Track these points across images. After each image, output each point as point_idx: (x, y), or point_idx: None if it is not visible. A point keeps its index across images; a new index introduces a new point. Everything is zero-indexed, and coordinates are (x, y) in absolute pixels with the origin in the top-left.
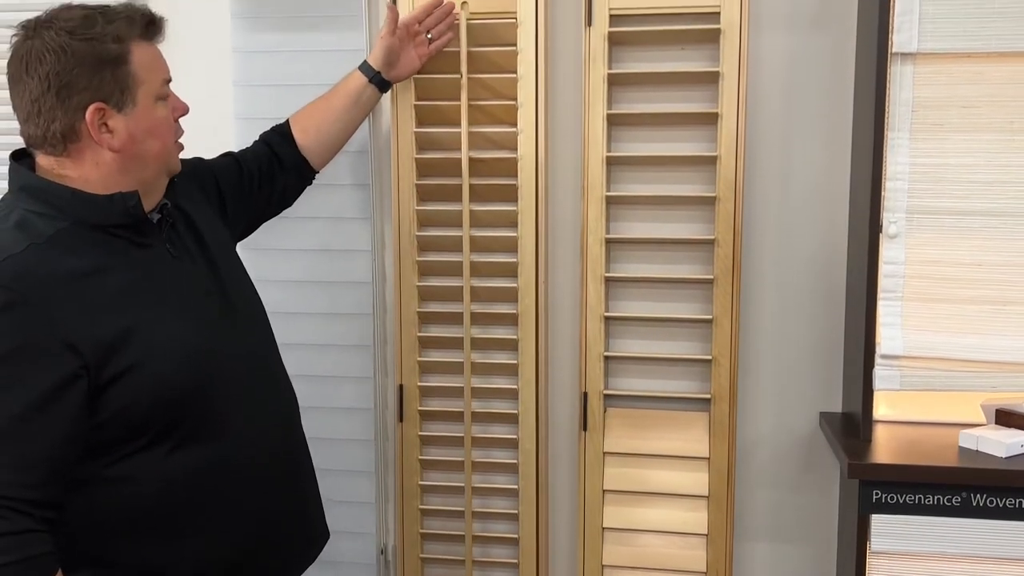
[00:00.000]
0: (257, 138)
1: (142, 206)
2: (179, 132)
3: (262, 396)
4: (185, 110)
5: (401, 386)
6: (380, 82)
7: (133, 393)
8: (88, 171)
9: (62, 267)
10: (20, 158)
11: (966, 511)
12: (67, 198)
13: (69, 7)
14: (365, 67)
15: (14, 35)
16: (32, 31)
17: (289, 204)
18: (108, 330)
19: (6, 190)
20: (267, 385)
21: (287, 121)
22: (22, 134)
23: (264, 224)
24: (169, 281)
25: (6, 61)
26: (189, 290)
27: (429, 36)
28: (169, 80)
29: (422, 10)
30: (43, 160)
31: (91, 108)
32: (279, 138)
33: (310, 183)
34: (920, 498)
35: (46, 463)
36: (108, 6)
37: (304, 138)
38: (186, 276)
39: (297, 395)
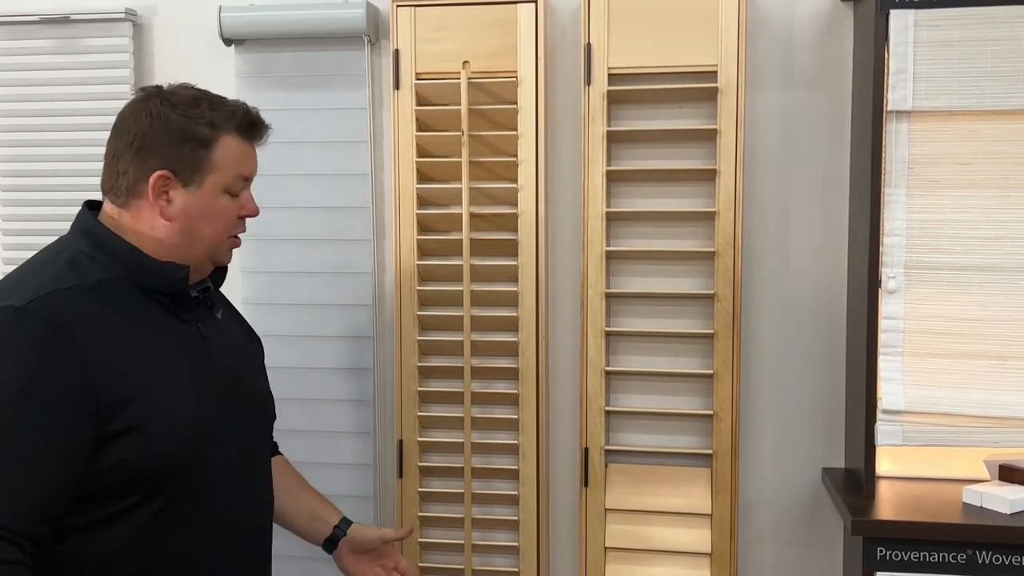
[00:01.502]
0: None
1: (188, 281)
2: (238, 228)
3: (245, 486)
4: (254, 212)
5: (401, 441)
6: (334, 540)
7: (131, 450)
8: (143, 230)
9: (100, 314)
10: (91, 208)
11: (972, 569)
12: (126, 251)
13: (187, 86)
14: (344, 521)
15: (135, 94)
16: (148, 96)
17: None
18: (125, 385)
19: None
20: (253, 477)
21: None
22: (101, 176)
23: (268, 277)
24: (190, 354)
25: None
26: (207, 368)
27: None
28: (248, 179)
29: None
30: (108, 207)
31: (158, 172)
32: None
33: None
34: (925, 555)
35: (45, 499)
36: (223, 98)
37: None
38: (207, 354)
39: (296, 450)
